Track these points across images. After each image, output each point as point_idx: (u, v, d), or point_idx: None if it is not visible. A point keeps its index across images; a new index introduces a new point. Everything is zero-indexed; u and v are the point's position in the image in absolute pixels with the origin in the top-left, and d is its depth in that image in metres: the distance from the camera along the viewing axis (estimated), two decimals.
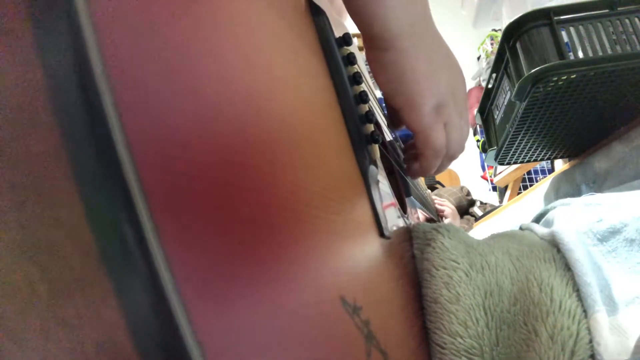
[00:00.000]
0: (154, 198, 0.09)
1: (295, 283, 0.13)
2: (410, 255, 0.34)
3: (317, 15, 0.29)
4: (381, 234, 0.26)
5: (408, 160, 0.41)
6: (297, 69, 0.21)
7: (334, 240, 0.18)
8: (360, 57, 0.49)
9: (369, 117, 0.29)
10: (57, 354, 0.09)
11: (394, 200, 0.37)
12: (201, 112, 0.12)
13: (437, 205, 0.72)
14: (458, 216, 0.74)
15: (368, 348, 0.17)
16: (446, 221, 0.69)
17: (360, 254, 0.21)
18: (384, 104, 0.40)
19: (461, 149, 0.38)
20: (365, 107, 0.30)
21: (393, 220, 0.32)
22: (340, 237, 0.19)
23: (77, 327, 0.08)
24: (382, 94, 0.35)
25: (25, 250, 0.09)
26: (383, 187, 0.33)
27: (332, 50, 0.28)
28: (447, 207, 0.73)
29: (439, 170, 0.40)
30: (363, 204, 0.25)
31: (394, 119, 0.37)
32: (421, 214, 0.72)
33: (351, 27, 0.39)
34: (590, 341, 0.24)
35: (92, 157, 0.08)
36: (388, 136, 0.47)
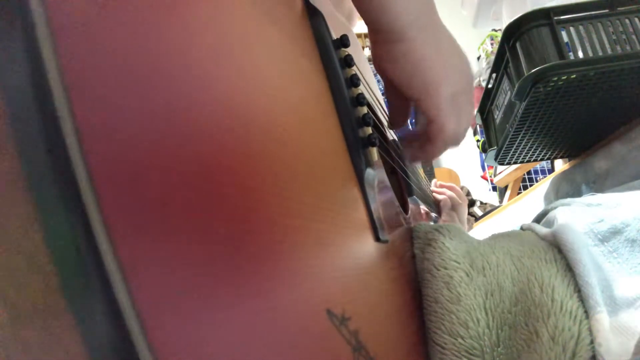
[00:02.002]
0: (115, 223, 0.08)
1: (275, 300, 0.13)
2: (410, 255, 0.34)
3: (313, 16, 0.29)
4: (377, 238, 0.25)
5: (408, 147, 0.41)
6: (288, 73, 0.21)
7: (321, 251, 0.18)
8: (363, 56, 0.49)
9: (366, 119, 0.29)
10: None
11: (394, 201, 0.36)
12: (174, 124, 0.11)
13: (435, 195, 0.71)
14: (461, 203, 0.71)
15: (355, 359, 0.17)
16: (444, 214, 0.68)
17: (353, 262, 0.21)
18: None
19: (462, 139, 0.39)
20: (363, 110, 0.30)
21: (391, 221, 0.31)
22: (330, 246, 0.19)
23: (39, 355, 0.08)
24: (385, 86, 0.35)
25: None
26: (382, 189, 0.33)
27: (328, 52, 0.28)
28: (443, 195, 0.70)
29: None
30: (358, 208, 0.25)
31: (400, 112, 0.37)
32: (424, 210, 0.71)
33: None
34: (592, 342, 0.24)
35: (50, 183, 0.08)
36: (390, 136, 0.47)
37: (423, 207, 0.61)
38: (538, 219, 0.43)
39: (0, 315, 0.08)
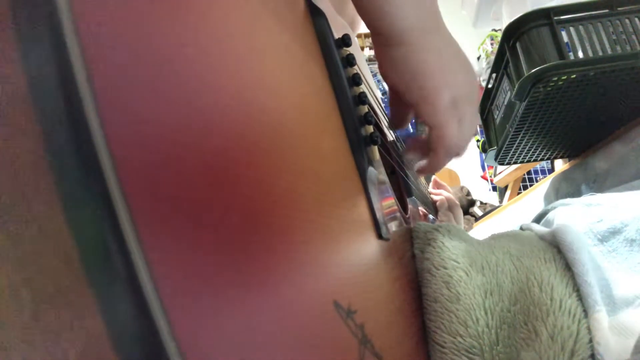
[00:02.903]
0: (137, 206, 0.09)
1: (286, 290, 0.13)
2: (410, 255, 0.34)
3: (316, 16, 0.29)
4: (379, 235, 0.26)
5: (411, 157, 0.41)
6: (292, 72, 0.21)
7: (328, 244, 0.18)
8: (362, 57, 0.49)
9: (368, 118, 0.29)
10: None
11: (395, 200, 0.37)
12: (187, 118, 0.12)
13: (432, 196, 0.71)
14: (457, 204, 0.72)
15: (362, 352, 0.17)
16: (440, 214, 0.68)
17: (357, 257, 0.21)
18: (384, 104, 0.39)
19: (465, 148, 0.38)
20: (365, 109, 0.30)
21: (392, 220, 0.31)
22: (335, 241, 0.19)
23: (60, 335, 0.08)
24: (388, 91, 0.35)
25: (9, 257, 0.09)
26: (383, 188, 0.33)
27: (330, 51, 0.28)
28: (440, 195, 0.71)
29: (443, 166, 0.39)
30: (361, 206, 0.25)
31: (400, 116, 0.37)
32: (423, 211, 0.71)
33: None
34: (590, 341, 0.24)
35: (74, 168, 0.08)
36: (390, 136, 0.47)
37: (421, 208, 0.61)
38: (538, 219, 0.43)
39: (23, 295, 0.09)
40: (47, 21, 0.09)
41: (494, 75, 0.59)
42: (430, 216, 0.71)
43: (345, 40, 0.30)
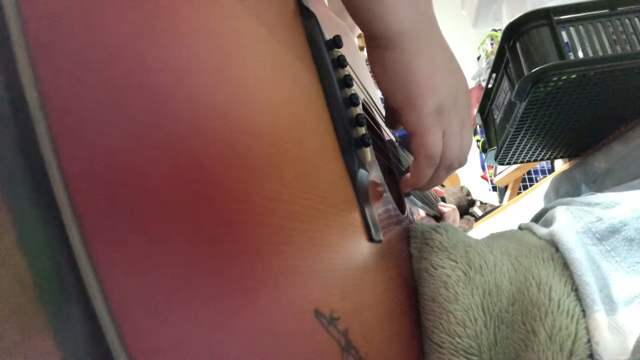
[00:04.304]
0: (89, 224, 0.08)
1: (262, 300, 0.13)
2: (407, 255, 0.34)
3: (306, 18, 0.29)
4: (370, 238, 0.25)
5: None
6: (276, 75, 0.21)
7: (311, 252, 0.17)
8: (361, 57, 0.49)
9: (359, 120, 0.29)
10: None
11: (390, 200, 0.36)
12: (150, 127, 0.11)
13: (441, 208, 0.73)
14: (458, 214, 0.75)
15: (344, 358, 0.17)
16: (447, 222, 0.70)
17: (344, 262, 0.21)
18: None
19: (461, 159, 0.36)
20: (356, 110, 0.30)
21: (386, 221, 0.31)
22: (321, 247, 0.18)
23: (13, 355, 0.08)
24: (382, 93, 0.35)
25: None
26: (378, 188, 0.32)
27: (321, 53, 0.28)
28: (448, 207, 0.74)
29: (435, 182, 0.38)
30: (351, 209, 0.25)
31: (392, 119, 0.36)
32: (421, 212, 0.72)
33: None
34: (589, 341, 0.24)
35: (23, 183, 0.08)
36: (388, 135, 0.47)
37: (420, 208, 0.61)
38: (536, 219, 0.43)
39: None
40: None
41: (494, 75, 0.59)
42: (432, 213, 0.71)
43: (336, 42, 0.30)
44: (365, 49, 0.33)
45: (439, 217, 0.80)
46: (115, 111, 0.10)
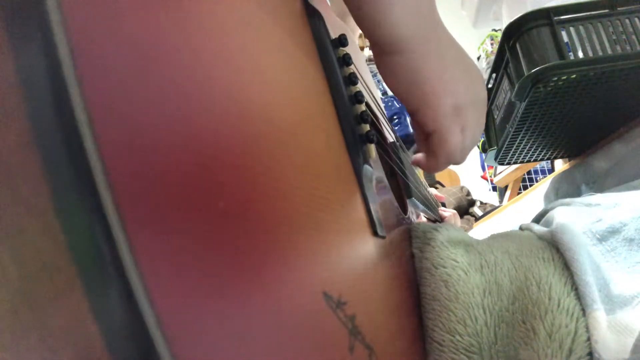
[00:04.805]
0: (125, 204, 0.09)
1: (276, 281, 0.13)
2: (409, 255, 0.34)
3: (312, 17, 0.29)
4: (374, 232, 0.26)
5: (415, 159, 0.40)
6: (285, 72, 0.21)
7: (320, 237, 0.18)
8: (362, 56, 0.49)
9: (364, 117, 0.29)
10: (25, 335, 0.09)
11: (393, 201, 0.37)
12: (179, 114, 0.12)
13: (442, 212, 0.74)
14: (459, 218, 0.76)
15: (352, 342, 0.17)
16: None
17: (350, 252, 0.21)
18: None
19: (467, 155, 0.37)
20: (361, 107, 0.30)
21: (389, 220, 0.32)
22: (329, 234, 0.19)
23: (46, 313, 0.09)
24: (397, 98, 0.35)
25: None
26: (381, 188, 0.33)
27: (326, 51, 0.28)
28: (449, 212, 0.75)
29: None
30: (356, 202, 0.25)
31: (412, 123, 0.36)
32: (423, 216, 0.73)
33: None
34: (588, 339, 0.24)
35: (62, 164, 0.08)
36: (390, 137, 0.47)
37: (422, 210, 0.61)
38: (537, 219, 0.43)
39: (10, 271, 0.09)
40: (37, 21, 0.09)
41: (494, 75, 0.59)
42: (433, 216, 0.71)
43: (342, 40, 0.31)
44: (365, 49, 0.33)
45: (439, 221, 0.81)
46: (149, 101, 0.11)
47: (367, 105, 0.38)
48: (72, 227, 0.08)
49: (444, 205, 0.85)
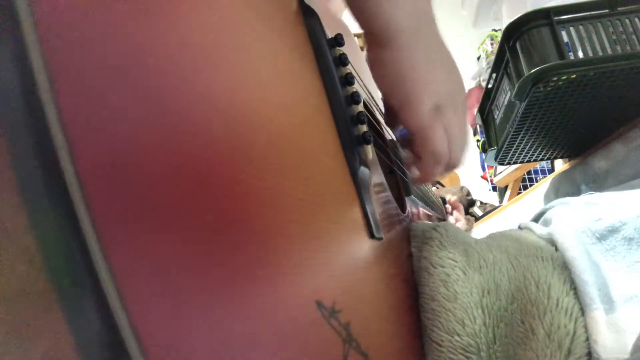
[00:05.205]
0: (99, 208, 0.09)
1: (264, 290, 0.13)
2: (407, 254, 0.34)
3: (308, 16, 0.29)
4: (371, 235, 0.26)
5: (407, 164, 0.40)
6: (278, 72, 0.21)
7: (313, 244, 0.18)
8: (362, 56, 0.49)
9: (361, 117, 0.29)
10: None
11: (391, 199, 0.37)
12: (158, 119, 0.11)
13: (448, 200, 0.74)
14: (462, 214, 0.76)
15: (346, 351, 0.17)
16: (452, 216, 0.70)
17: (346, 256, 0.21)
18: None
19: (460, 159, 0.37)
20: (357, 108, 0.30)
21: (387, 219, 0.31)
22: (323, 240, 0.19)
23: (28, 336, 0.08)
24: (381, 94, 0.35)
25: None
26: (379, 187, 0.33)
27: (322, 51, 0.28)
28: (460, 221, 0.76)
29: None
30: (352, 205, 0.25)
31: (391, 118, 0.36)
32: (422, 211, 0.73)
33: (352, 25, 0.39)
34: (587, 339, 0.24)
35: (36, 172, 0.08)
36: (389, 135, 0.47)
37: (422, 208, 0.61)
38: (536, 218, 0.43)
39: None
40: (8, 26, 0.09)
41: (494, 75, 0.59)
42: (435, 214, 0.72)
43: (338, 40, 0.31)
44: (364, 49, 0.33)
45: (442, 219, 0.81)
46: (125, 100, 0.10)
47: (365, 105, 0.37)
48: (49, 247, 0.08)
49: (443, 200, 0.85)
